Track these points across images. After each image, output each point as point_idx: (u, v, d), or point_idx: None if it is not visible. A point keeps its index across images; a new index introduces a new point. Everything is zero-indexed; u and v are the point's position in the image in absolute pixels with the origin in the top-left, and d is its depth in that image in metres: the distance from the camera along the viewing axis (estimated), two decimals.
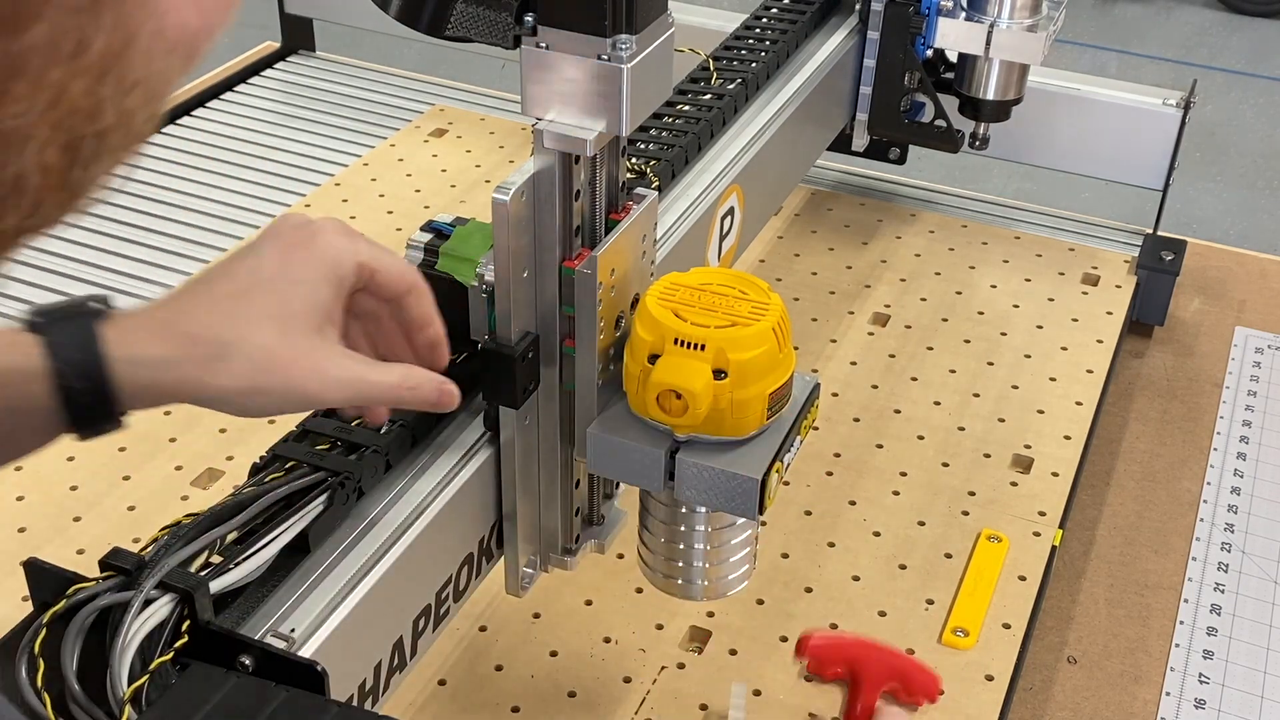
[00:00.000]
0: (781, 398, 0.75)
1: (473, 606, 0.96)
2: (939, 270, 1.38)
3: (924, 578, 1.02)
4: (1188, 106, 1.34)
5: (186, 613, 0.62)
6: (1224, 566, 1.07)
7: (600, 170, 0.77)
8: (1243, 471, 1.17)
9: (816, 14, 1.27)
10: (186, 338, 0.63)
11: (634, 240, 0.79)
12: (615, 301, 0.78)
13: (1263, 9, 4.35)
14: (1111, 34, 4.25)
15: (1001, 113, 1.30)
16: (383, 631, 0.73)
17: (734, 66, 1.15)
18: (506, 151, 1.55)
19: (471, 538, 0.81)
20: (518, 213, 0.73)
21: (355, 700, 0.71)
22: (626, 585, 0.99)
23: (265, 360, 0.63)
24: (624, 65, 0.70)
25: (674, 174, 1.02)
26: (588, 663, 0.94)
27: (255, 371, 0.63)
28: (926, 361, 1.25)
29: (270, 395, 0.64)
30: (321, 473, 0.71)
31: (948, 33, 1.24)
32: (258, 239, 0.67)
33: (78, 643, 0.60)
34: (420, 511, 0.75)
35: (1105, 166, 1.40)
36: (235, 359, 0.63)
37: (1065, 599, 1.05)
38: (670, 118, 1.07)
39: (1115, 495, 1.15)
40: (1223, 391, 1.26)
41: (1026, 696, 0.96)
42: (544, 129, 0.72)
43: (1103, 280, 1.37)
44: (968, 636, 0.97)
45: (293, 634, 0.66)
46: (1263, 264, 1.45)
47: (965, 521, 1.07)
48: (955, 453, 1.15)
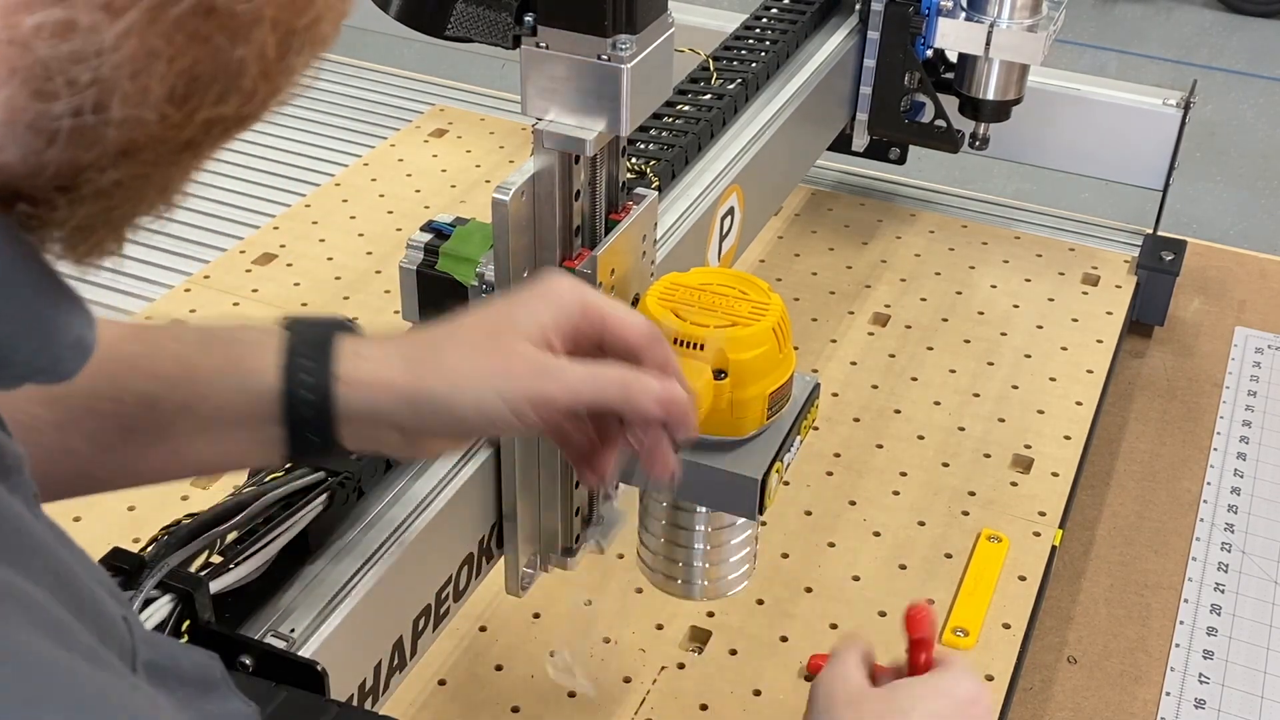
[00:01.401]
0: (781, 398, 0.75)
1: (473, 606, 0.96)
2: (939, 270, 1.38)
3: (924, 578, 1.02)
4: (1188, 106, 1.34)
5: (186, 613, 0.62)
6: (1224, 566, 1.07)
7: (600, 170, 0.77)
8: (1243, 471, 1.17)
9: (816, 14, 1.27)
10: (405, 339, 0.64)
11: (634, 240, 0.79)
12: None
13: (1263, 9, 4.35)
14: (1111, 34, 4.25)
15: (1001, 113, 1.30)
16: (383, 631, 0.73)
17: (734, 66, 1.15)
18: (506, 151, 1.55)
19: (471, 538, 0.81)
20: (518, 213, 0.73)
21: (355, 700, 0.71)
22: (626, 585, 0.99)
23: (477, 354, 0.63)
24: (624, 65, 0.70)
25: (674, 174, 1.02)
26: (588, 663, 0.94)
27: (469, 361, 0.63)
28: (926, 361, 1.25)
29: (486, 384, 0.62)
30: (321, 473, 0.71)
31: (948, 33, 1.24)
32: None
33: None
34: (420, 511, 0.75)
35: (1105, 166, 1.40)
36: (449, 355, 0.63)
37: (1065, 599, 1.04)
38: (670, 118, 1.07)
39: (1115, 495, 1.15)
40: (1223, 391, 1.26)
41: (1026, 696, 0.96)
42: (544, 129, 0.72)
43: (1103, 280, 1.37)
44: (968, 636, 0.97)
45: (293, 634, 0.66)
46: (1263, 264, 1.45)
47: (965, 521, 1.07)
48: (955, 453, 1.15)
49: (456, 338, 0.64)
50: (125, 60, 0.32)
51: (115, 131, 0.33)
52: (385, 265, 1.35)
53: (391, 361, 0.63)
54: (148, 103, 0.33)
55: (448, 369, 0.63)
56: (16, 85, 0.31)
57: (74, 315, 0.36)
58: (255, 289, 1.32)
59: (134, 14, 0.32)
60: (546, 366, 0.63)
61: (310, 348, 0.62)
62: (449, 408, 0.62)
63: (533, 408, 0.62)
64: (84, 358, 0.36)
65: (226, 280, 1.33)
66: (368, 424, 0.62)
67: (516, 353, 0.63)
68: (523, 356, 0.63)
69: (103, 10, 0.31)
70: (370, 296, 1.31)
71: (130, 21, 0.32)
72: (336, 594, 0.69)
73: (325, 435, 0.62)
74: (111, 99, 0.32)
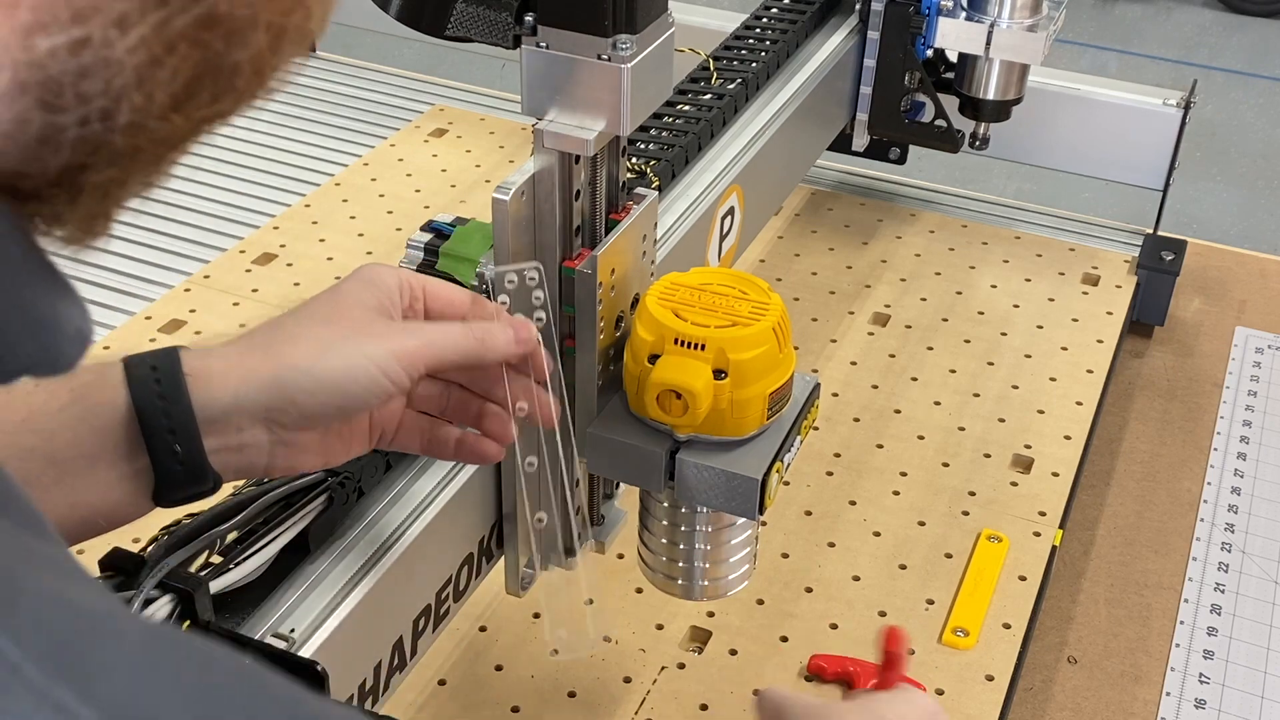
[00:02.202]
0: (781, 398, 0.75)
1: (473, 606, 0.96)
2: (939, 270, 1.38)
3: (924, 578, 1.02)
4: (1188, 106, 1.34)
5: (186, 613, 0.62)
6: (1224, 566, 1.07)
7: (600, 170, 0.77)
8: (1243, 471, 1.17)
9: (816, 14, 1.27)
10: (249, 337, 0.63)
11: (634, 240, 0.79)
12: (615, 301, 0.78)
13: (1263, 9, 4.35)
14: (1111, 34, 4.25)
15: (1002, 113, 1.30)
16: (383, 631, 0.73)
17: (734, 66, 1.15)
18: (506, 151, 1.55)
19: (471, 538, 0.81)
20: (518, 213, 0.73)
21: (355, 700, 0.71)
22: (626, 585, 0.99)
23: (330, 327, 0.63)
24: (624, 65, 0.70)
25: (674, 174, 1.02)
26: (588, 663, 0.94)
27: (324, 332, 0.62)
28: (927, 361, 1.25)
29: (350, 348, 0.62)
30: (321, 473, 0.71)
31: (948, 32, 1.24)
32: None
33: None
34: (420, 511, 0.75)
35: (1105, 166, 1.40)
36: (301, 333, 0.62)
37: (1065, 599, 1.04)
38: (670, 118, 1.07)
39: (1115, 495, 1.15)
40: (1223, 392, 1.26)
41: (1027, 697, 0.96)
42: (544, 129, 0.72)
43: (1103, 280, 1.37)
44: (968, 636, 0.97)
45: (293, 634, 0.66)
46: (1263, 264, 1.45)
47: (965, 521, 1.07)
48: (955, 453, 1.14)
49: (300, 319, 0.63)
50: (133, 71, 0.33)
51: (119, 137, 0.34)
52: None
53: (242, 352, 0.61)
54: (151, 109, 0.34)
55: (304, 341, 0.62)
56: (29, 101, 0.32)
57: (72, 307, 0.36)
58: (255, 289, 1.32)
59: (143, 28, 0.32)
60: (398, 326, 0.64)
61: (154, 358, 0.60)
62: (316, 379, 0.61)
63: (399, 363, 0.62)
64: (84, 349, 0.37)
65: (226, 280, 1.33)
66: (232, 425, 0.60)
67: (364, 319, 0.64)
68: (371, 321, 0.64)
69: (115, 26, 0.32)
70: None
71: (140, 35, 0.33)
72: (336, 594, 0.69)
73: (188, 443, 0.59)
74: (119, 108, 0.33)
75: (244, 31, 0.35)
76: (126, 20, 0.32)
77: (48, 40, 0.31)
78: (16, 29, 0.31)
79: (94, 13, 0.32)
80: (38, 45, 0.32)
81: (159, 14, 0.33)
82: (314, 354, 0.61)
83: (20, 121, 0.32)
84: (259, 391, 0.60)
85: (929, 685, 0.93)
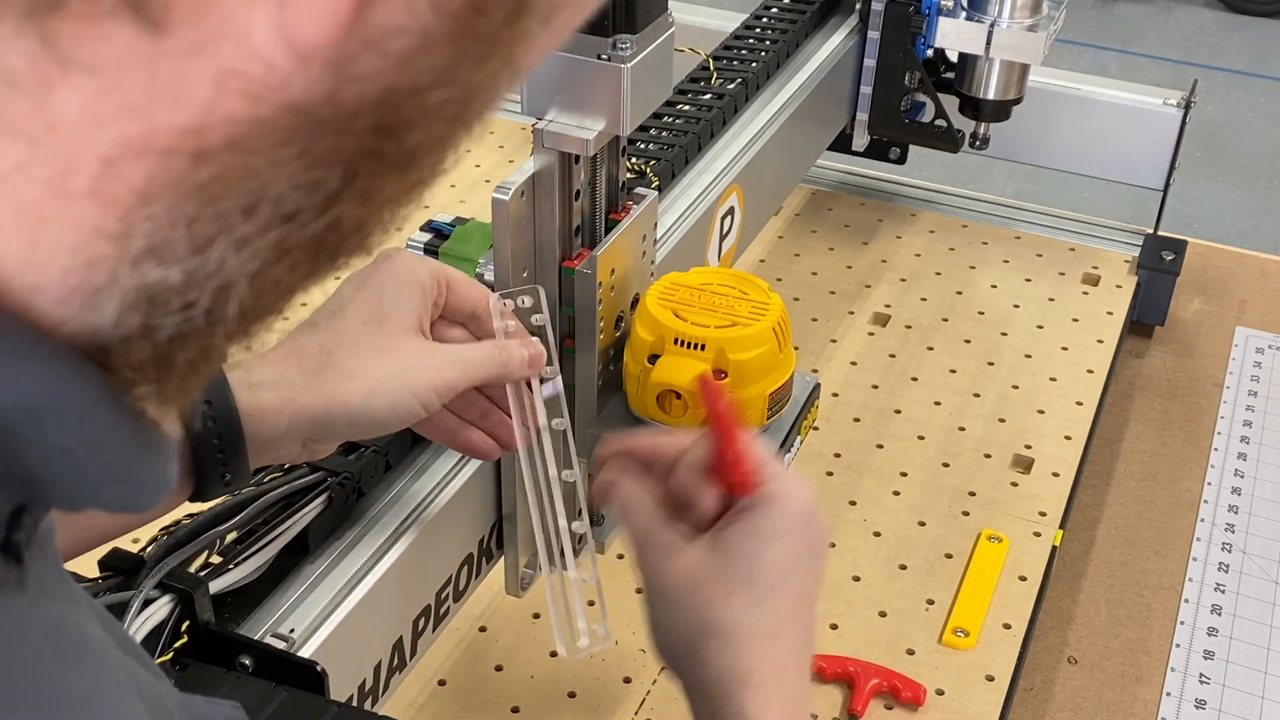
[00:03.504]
0: (781, 398, 0.76)
1: (473, 606, 0.96)
2: (939, 270, 1.38)
3: (924, 578, 1.02)
4: (1188, 106, 1.34)
5: (186, 613, 0.62)
6: (1224, 567, 1.07)
7: (600, 170, 0.77)
8: (1243, 472, 1.16)
9: (816, 14, 1.27)
10: (299, 359, 0.64)
11: (634, 240, 0.79)
12: (615, 301, 0.78)
13: (1263, 9, 4.35)
14: (1111, 34, 4.25)
15: (1002, 112, 1.30)
16: (383, 631, 0.73)
17: (734, 66, 1.15)
18: (506, 151, 1.55)
19: (471, 538, 0.81)
20: (518, 213, 0.73)
21: (355, 700, 0.70)
22: (626, 585, 0.99)
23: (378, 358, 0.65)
24: (624, 65, 0.70)
25: (674, 174, 1.02)
26: (588, 663, 0.94)
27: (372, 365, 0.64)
28: (927, 361, 1.25)
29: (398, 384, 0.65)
30: (321, 473, 0.71)
31: (948, 32, 1.24)
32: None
33: None
34: (420, 511, 0.75)
35: (1105, 166, 1.40)
36: (349, 364, 0.64)
37: (1066, 599, 1.04)
38: (670, 118, 1.07)
39: (1116, 495, 1.15)
40: (1223, 392, 1.26)
41: (1027, 697, 0.96)
42: (544, 129, 0.72)
43: (1103, 280, 1.36)
44: (968, 637, 0.97)
45: (293, 634, 0.66)
46: (1263, 264, 1.45)
47: (966, 522, 1.07)
48: (955, 453, 1.14)
49: (345, 343, 0.65)
50: (245, 280, 0.30)
51: (222, 328, 0.31)
52: None
53: (293, 383, 0.63)
54: (259, 305, 0.32)
55: (354, 378, 0.64)
56: (134, 313, 0.30)
57: (159, 454, 0.34)
58: None
59: (263, 243, 0.30)
60: (440, 355, 0.67)
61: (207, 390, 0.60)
62: (364, 414, 0.64)
63: (437, 395, 0.66)
64: (165, 492, 0.35)
65: None
66: (273, 446, 0.64)
67: (410, 347, 0.66)
68: (417, 350, 0.66)
69: (234, 248, 0.30)
70: None
71: (257, 249, 0.30)
72: (336, 594, 0.69)
73: (236, 466, 0.62)
74: (225, 309, 0.31)
75: (367, 226, 0.33)
76: (247, 241, 0.30)
77: (159, 270, 0.29)
78: (127, 258, 0.29)
79: (212, 240, 0.29)
80: (148, 273, 0.29)
81: (283, 230, 0.30)
82: (364, 393, 0.64)
83: (117, 324, 0.30)
84: (304, 425, 0.64)
85: (929, 685, 0.93)
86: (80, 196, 0.28)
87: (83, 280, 0.29)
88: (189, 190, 0.28)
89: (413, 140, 0.31)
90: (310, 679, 0.63)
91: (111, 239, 0.29)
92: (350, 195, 0.31)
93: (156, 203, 0.28)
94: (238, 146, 0.28)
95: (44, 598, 0.33)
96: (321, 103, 0.28)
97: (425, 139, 0.31)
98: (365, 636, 0.71)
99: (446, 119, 0.31)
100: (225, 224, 0.29)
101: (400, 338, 0.66)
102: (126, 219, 0.28)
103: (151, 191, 0.28)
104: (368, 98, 0.29)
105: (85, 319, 0.30)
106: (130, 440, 0.33)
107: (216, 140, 0.28)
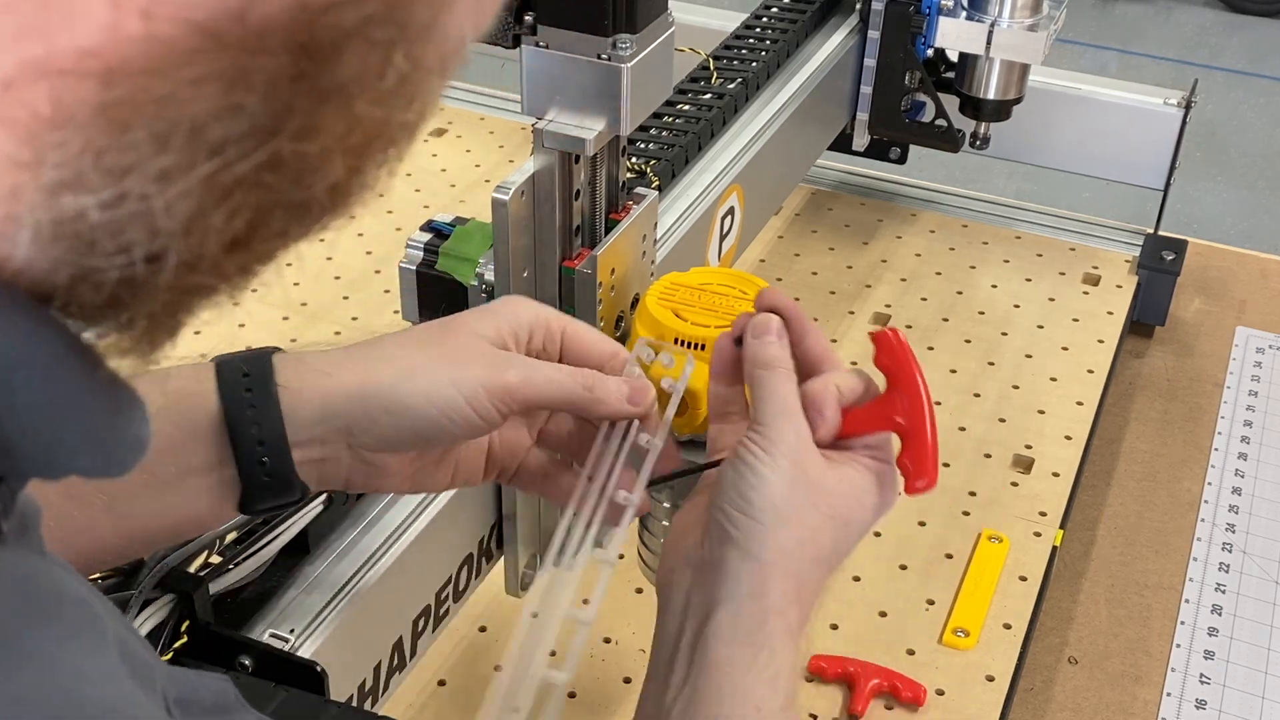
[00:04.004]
0: None
1: (473, 606, 0.96)
2: (939, 270, 1.38)
3: (924, 578, 1.02)
4: (1188, 106, 1.34)
5: (186, 613, 0.62)
6: (1225, 567, 1.07)
7: (600, 170, 0.77)
8: (1243, 472, 1.16)
9: (816, 14, 1.27)
10: (346, 350, 0.62)
11: (634, 240, 0.79)
12: (615, 301, 0.78)
13: (1263, 9, 4.35)
14: (1112, 34, 4.25)
15: (1002, 112, 1.30)
16: (382, 631, 0.73)
17: (734, 66, 1.15)
18: (506, 151, 1.55)
19: (471, 538, 0.81)
20: (518, 213, 0.73)
21: (355, 700, 0.70)
22: (626, 585, 0.99)
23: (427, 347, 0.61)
24: (624, 65, 0.70)
25: (674, 174, 1.02)
26: (588, 662, 0.94)
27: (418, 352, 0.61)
28: (927, 361, 1.25)
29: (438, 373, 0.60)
30: None
31: (948, 32, 1.24)
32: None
33: None
34: (420, 511, 0.75)
35: (1106, 166, 1.40)
36: (396, 349, 0.61)
37: (1066, 599, 1.04)
38: (670, 118, 1.07)
39: (1116, 495, 1.15)
40: (1223, 392, 1.26)
41: (1027, 697, 0.96)
42: (544, 129, 0.72)
43: (1103, 280, 1.36)
44: (968, 637, 0.97)
45: (292, 634, 0.66)
46: (1264, 264, 1.44)
47: (966, 522, 1.07)
48: (956, 453, 1.14)
49: (402, 339, 0.62)
50: (180, 220, 0.30)
51: (169, 277, 0.31)
52: (385, 265, 1.35)
53: (335, 360, 0.61)
54: (205, 251, 0.31)
55: (395, 360, 0.60)
56: (61, 249, 0.30)
57: (132, 415, 0.34)
58: (254, 289, 1.31)
59: (190, 180, 0.30)
60: (502, 357, 0.61)
61: (246, 364, 0.59)
62: (397, 398, 0.59)
63: (489, 397, 0.60)
64: (140, 455, 0.35)
65: None
66: (316, 438, 0.59)
67: (468, 345, 0.61)
68: (477, 349, 0.61)
69: (156, 181, 0.29)
70: (370, 296, 1.31)
71: (185, 186, 0.30)
72: (336, 594, 0.69)
73: (276, 457, 0.58)
74: (165, 254, 0.30)
75: (316, 169, 0.31)
76: (169, 175, 0.29)
77: (76, 200, 0.29)
78: (41, 188, 0.29)
79: (129, 170, 0.29)
80: (65, 204, 0.29)
81: (209, 165, 0.29)
82: (401, 375, 0.60)
83: (54, 262, 0.30)
84: (343, 407, 0.59)
85: (929, 685, 0.93)
86: None
87: (7, 213, 0.29)
88: (95, 115, 0.28)
89: (345, 68, 0.30)
90: (310, 679, 0.63)
91: (24, 167, 0.28)
92: (288, 130, 0.30)
93: (64, 129, 0.28)
94: (141, 69, 0.28)
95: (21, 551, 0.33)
96: (227, 21, 0.28)
97: (359, 68, 0.30)
98: (365, 636, 0.71)
99: (377, 44, 0.30)
100: (139, 154, 0.29)
101: (460, 338, 0.61)
102: (36, 145, 0.28)
103: (57, 117, 0.28)
104: (277, 16, 0.28)
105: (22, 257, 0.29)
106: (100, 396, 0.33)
107: (116, 62, 0.28)
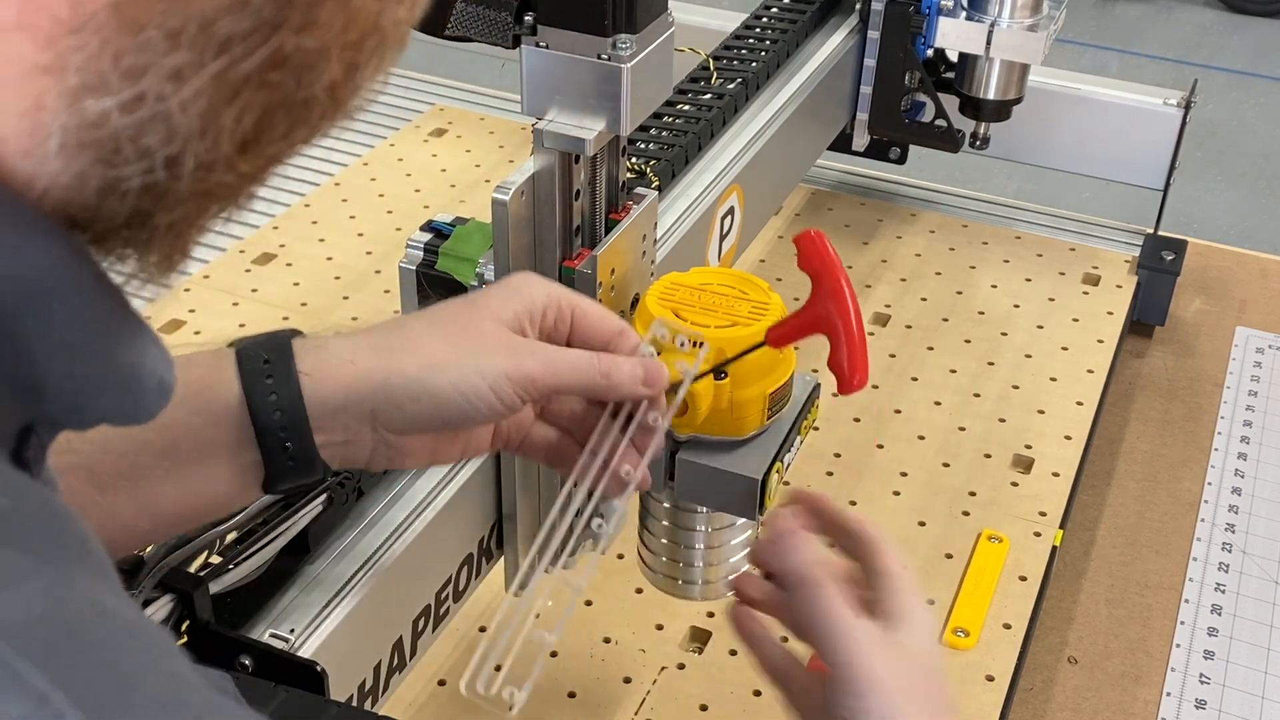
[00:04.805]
0: (781, 398, 0.75)
1: (473, 606, 0.96)
2: (939, 270, 1.38)
3: (924, 578, 1.02)
4: (1188, 106, 1.34)
5: (186, 613, 0.62)
6: (1225, 567, 1.07)
7: (600, 170, 0.77)
8: (1243, 472, 1.16)
9: (816, 14, 1.27)
10: (369, 333, 0.62)
11: (634, 240, 0.79)
12: (615, 301, 0.78)
13: (1263, 9, 4.35)
14: (1111, 34, 4.25)
15: (1002, 112, 1.30)
16: (383, 631, 0.73)
17: (734, 66, 1.15)
18: (506, 151, 1.55)
19: (471, 538, 0.81)
20: (518, 213, 0.73)
21: (355, 700, 0.70)
22: (626, 585, 0.99)
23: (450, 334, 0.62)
24: (624, 65, 0.69)
25: (674, 174, 1.02)
26: (588, 663, 0.94)
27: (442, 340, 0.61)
28: (927, 361, 1.25)
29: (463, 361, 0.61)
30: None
31: (948, 32, 1.24)
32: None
33: None
34: (420, 511, 0.75)
35: (1106, 166, 1.40)
36: (419, 336, 0.62)
37: (1066, 599, 1.04)
38: (670, 118, 1.07)
39: (1116, 495, 1.15)
40: (1223, 392, 1.26)
41: (1027, 697, 0.96)
42: (544, 129, 0.72)
43: (1103, 280, 1.36)
44: (968, 637, 0.97)
45: (292, 634, 0.66)
46: (1264, 264, 1.45)
47: (966, 522, 1.07)
48: (956, 453, 1.14)
49: (424, 320, 0.63)
50: (196, 120, 0.32)
51: (187, 182, 0.33)
52: (385, 265, 1.35)
53: (358, 348, 0.61)
54: (219, 152, 0.33)
55: (420, 349, 0.61)
56: (87, 158, 0.31)
57: (157, 357, 0.35)
58: (255, 289, 1.32)
59: (202, 78, 0.31)
60: (523, 344, 0.63)
61: (267, 351, 0.60)
62: (425, 387, 0.60)
63: (513, 385, 0.61)
64: (166, 399, 0.36)
65: (226, 280, 1.33)
66: (340, 423, 0.60)
67: (491, 333, 0.62)
68: (498, 336, 0.62)
69: (171, 80, 0.31)
70: (370, 296, 1.31)
71: (198, 86, 0.31)
72: (336, 594, 0.69)
73: (299, 441, 0.59)
74: (183, 156, 0.32)
75: (315, 66, 0.33)
76: (182, 73, 0.31)
77: (98, 103, 0.30)
78: (64, 93, 0.30)
79: (145, 70, 0.30)
80: (88, 108, 0.30)
81: (219, 62, 0.31)
82: (427, 365, 0.60)
83: (80, 176, 0.31)
84: (368, 394, 0.60)
85: None
86: (10, 29, 0.29)
87: (35, 123, 0.31)
88: (111, 15, 0.30)
89: None
90: (310, 679, 0.63)
91: (46, 72, 0.30)
92: (290, 25, 0.32)
93: (82, 31, 0.30)
94: None
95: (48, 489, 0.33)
96: None
97: None
98: (365, 636, 0.71)
99: None
100: (153, 53, 0.30)
101: (483, 324, 0.62)
102: (57, 49, 0.30)
103: (75, 19, 0.30)
104: None
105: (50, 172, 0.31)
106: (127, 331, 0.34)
107: None
